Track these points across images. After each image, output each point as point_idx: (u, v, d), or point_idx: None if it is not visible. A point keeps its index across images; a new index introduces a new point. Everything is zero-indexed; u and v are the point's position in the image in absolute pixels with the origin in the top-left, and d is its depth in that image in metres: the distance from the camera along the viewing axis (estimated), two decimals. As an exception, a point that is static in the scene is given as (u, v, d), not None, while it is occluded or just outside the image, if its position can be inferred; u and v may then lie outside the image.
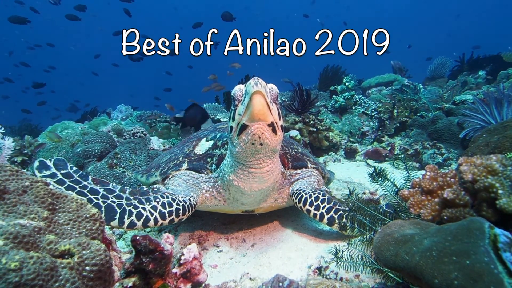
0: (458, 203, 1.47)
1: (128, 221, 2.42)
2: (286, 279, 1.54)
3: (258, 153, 2.41)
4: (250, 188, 2.67)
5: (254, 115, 2.16)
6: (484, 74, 11.26)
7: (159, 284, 1.53)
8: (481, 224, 1.10)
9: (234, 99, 2.34)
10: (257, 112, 2.14)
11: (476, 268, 0.99)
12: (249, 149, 2.36)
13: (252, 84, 2.11)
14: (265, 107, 2.16)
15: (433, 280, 1.05)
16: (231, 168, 2.64)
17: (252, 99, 2.11)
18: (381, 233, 1.36)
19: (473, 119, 5.21)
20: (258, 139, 2.26)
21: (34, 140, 5.98)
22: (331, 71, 12.93)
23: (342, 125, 8.61)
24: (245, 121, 2.22)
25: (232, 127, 2.37)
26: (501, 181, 1.37)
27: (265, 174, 2.60)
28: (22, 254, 1.37)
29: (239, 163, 2.54)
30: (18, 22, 12.17)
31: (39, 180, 1.87)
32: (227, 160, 2.73)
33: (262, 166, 2.54)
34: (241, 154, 2.43)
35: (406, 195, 1.70)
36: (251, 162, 2.50)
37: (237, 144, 2.37)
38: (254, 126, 2.21)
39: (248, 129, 2.24)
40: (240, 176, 2.60)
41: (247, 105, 2.15)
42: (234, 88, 2.33)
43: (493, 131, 2.83)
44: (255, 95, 2.11)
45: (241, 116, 2.23)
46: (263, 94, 2.12)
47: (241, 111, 2.23)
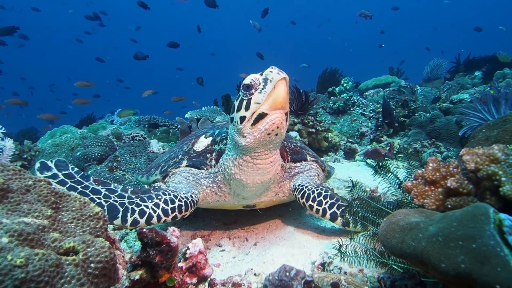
0: (462, 192, 1.48)
1: (131, 219, 2.42)
2: (293, 268, 1.54)
3: (270, 143, 2.42)
4: (252, 181, 2.68)
5: (278, 102, 2.18)
6: (480, 74, 11.33)
7: (166, 277, 1.53)
8: (486, 210, 1.11)
9: (248, 87, 2.29)
10: (281, 99, 2.18)
11: (483, 251, 1.00)
12: (263, 139, 2.34)
13: (276, 72, 2.16)
14: (288, 95, 2.21)
15: (440, 265, 1.06)
16: (234, 161, 2.63)
17: (277, 86, 2.15)
18: (386, 222, 1.36)
19: (471, 117, 5.23)
20: (275, 129, 2.28)
21: (33, 145, 5.97)
22: (329, 74, 12.99)
23: (341, 126, 8.64)
24: (265, 110, 2.22)
25: (243, 116, 2.32)
26: (504, 168, 1.38)
27: (268, 166, 2.61)
28: (28, 251, 1.37)
29: (245, 155, 2.53)
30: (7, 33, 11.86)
31: (42, 179, 1.87)
32: (228, 154, 2.72)
33: (268, 157, 2.55)
34: (252, 144, 2.39)
35: (409, 186, 1.70)
36: (259, 152, 2.49)
37: (249, 133, 2.34)
38: (274, 115, 2.22)
39: (267, 118, 2.24)
40: (244, 168, 2.60)
41: (269, 93, 2.17)
42: (248, 77, 2.29)
43: (492, 126, 2.85)
44: (280, 83, 2.15)
45: (259, 105, 2.22)
46: (287, 82, 2.17)
47: (259, 99, 2.22)
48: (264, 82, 2.20)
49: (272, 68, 2.19)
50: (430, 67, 14.13)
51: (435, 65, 14.07)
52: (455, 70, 13.44)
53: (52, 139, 6.83)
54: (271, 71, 2.18)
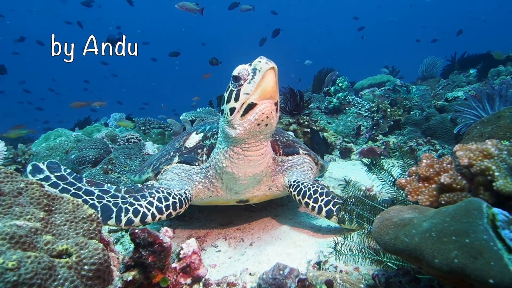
0: (455, 188, 1.48)
1: (126, 219, 2.40)
2: (287, 267, 1.53)
3: (260, 134, 2.41)
4: (244, 174, 2.67)
5: (267, 92, 2.18)
6: (475, 72, 11.39)
7: (159, 278, 1.52)
8: (479, 204, 1.11)
9: (238, 79, 2.28)
10: (270, 89, 2.17)
11: (476, 246, 1.00)
12: (253, 129, 2.33)
13: (265, 61, 2.15)
14: (277, 84, 2.20)
15: (433, 260, 1.05)
16: (224, 154, 2.63)
17: (265, 76, 2.14)
18: (380, 219, 1.36)
19: (466, 114, 5.25)
20: (265, 119, 2.27)
21: (27, 148, 5.93)
22: (325, 74, 12.99)
23: (337, 126, 8.64)
24: (254, 99, 2.21)
25: (233, 108, 2.32)
26: (497, 163, 1.38)
27: (259, 158, 2.60)
28: (20, 254, 1.36)
29: (236, 146, 2.52)
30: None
31: (34, 182, 1.86)
32: (219, 147, 2.71)
33: (259, 149, 2.54)
34: (242, 135, 2.39)
35: (403, 183, 1.70)
36: (250, 144, 2.49)
37: (240, 125, 2.33)
38: (264, 105, 2.22)
39: (256, 108, 2.23)
40: (235, 161, 2.60)
41: (258, 82, 2.16)
42: (237, 68, 2.29)
43: (486, 122, 2.86)
44: (269, 72, 2.14)
45: (249, 95, 2.22)
46: (276, 72, 2.16)
47: (249, 89, 2.22)
48: (253, 72, 2.19)
49: (261, 58, 2.18)
50: (425, 66, 14.17)
51: (430, 63, 14.11)
52: (450, 68, 13.50)
53: (46, 142, 6.79)
54: (259, 61, 2.17)
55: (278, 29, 14.51)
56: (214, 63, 11.31)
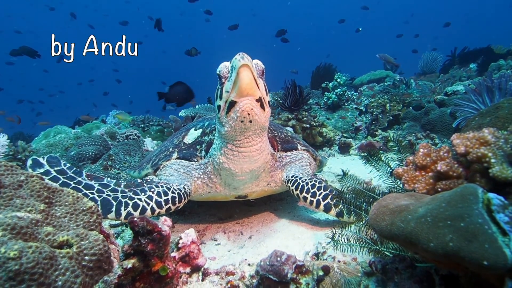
0: (452, 175, 1.49)
1: (125, 213, 2.42)
2: (284, 253, 1.55)
3: (247, 130, 2.40)
4: (241, 170, 2.68)
5: (243, 89, 2.14)
6: (475, 66, 11.38)
7: (159, 267, 1.53)
8: (474, 190, 1.12)
9: (220, 77, 2.31)
10: (245, 86, 2.13)
11: (471, 229, 1.01)
12: (238, 127, 2.34)
13: (238, 58, 2.10)
14: (252, 81, 2.15)
15: (428, 244, 1.07)
16: (220, 150, 2.64)
17: (240, 73, 2.09)
18: (377, 206, 1.37)
19: (466, 108, 5.25)
20: (247, 116, 2.25)
21: (27, 145, 5.94)
22: (323, 69, 12.99)
23: (335, 121, 8.65)
24: (233, 98, 2.20)
25: (220, 106, 2.34)
26: (494, 150, 1.39)
27: (255, 153, 2.60)
28: (21, 244, 1.37)
29: (229, 143, 2.53)
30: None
31: (34, 175, 1.87)
32: (216, 143, 2.73)
33: (252, 145, 2.54)
34: (230, 133, 2.40)
35: (400, 172, 1.72)
36: (241, 141, 2.49)
37: (226, 122, 2.35)
38: (242, 102, 2.20)
39: (236, 106, 2.22)
40: (230, 157, 2.60)
41: (234, 80, 2.14)
42: (220, 66, 2.30)
43: (485, 114, 2.86)
44: (243, 69, 2.09)
45: (229, 93, 2.21)
46: (251, 68, 2.11)
47: (228, 87, 2.22)
48: (231, 70, 2.19)
49: (238, 54, 2.14)
50: (424, 61, 14.15)
51: (430, 59, 14.08)
52: (450, 63, 13.49)
53: (46, 139, 6.81)
54: (235, 58, 2.13)
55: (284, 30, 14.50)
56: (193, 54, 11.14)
